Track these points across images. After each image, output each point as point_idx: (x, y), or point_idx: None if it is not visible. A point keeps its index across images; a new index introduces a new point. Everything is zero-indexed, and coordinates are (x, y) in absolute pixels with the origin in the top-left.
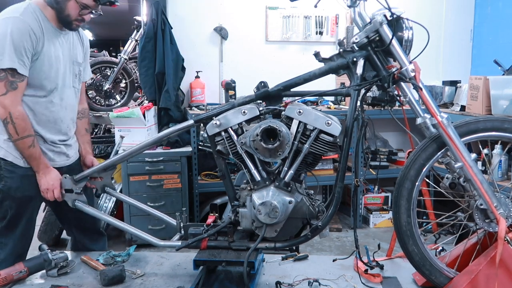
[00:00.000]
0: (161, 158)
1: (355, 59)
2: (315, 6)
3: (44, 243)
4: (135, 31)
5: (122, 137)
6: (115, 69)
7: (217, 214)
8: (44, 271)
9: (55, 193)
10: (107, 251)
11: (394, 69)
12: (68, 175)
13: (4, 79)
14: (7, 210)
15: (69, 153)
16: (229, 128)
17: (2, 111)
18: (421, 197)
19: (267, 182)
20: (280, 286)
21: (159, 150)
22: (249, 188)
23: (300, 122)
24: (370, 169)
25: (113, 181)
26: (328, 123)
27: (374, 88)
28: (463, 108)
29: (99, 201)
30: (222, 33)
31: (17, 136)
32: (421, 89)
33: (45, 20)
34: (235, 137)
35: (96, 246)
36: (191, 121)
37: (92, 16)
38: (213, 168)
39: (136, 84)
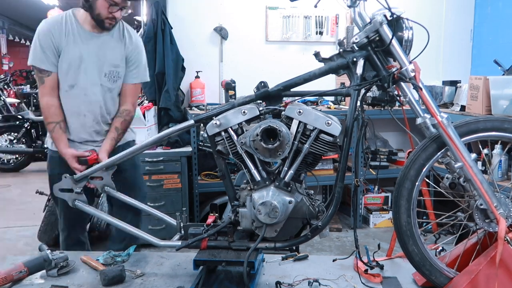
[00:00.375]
0: (161, 158)
1: (355, 59)
2: (315, 6)
3: (44, 243)
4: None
5: None
6: None
7: (217, 214)
8: (44, 271)
9: (76, 171)
10: (107, 251)
11: (394, 69)
12: (68, 175)
13: (36, 75)
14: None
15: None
16: (229, 128)
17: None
18: (421, 197)
19: (267, 182)
20: (280, 286)
21: (159, 150)
22: (249, 188)
23: (300, 122)
24: (370, 169)
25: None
26: (328, 123)
27: (374, 88)
28: (463, 108)
29: (99, 200)
30: (222, 33)
31: (45, 122)
32: (421, 89)
33: (75, 23)
34: (235, 137)
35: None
36: (191, 121)
37: (123, 14)
38: (213, 168)
39: None
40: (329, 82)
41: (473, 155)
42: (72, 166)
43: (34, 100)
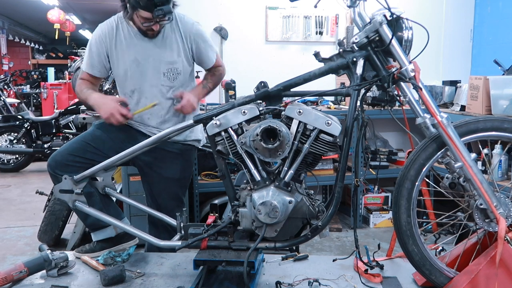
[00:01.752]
0: None
1: (355, 59)
2: (315, 6)
3: (44, 243)
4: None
5: None
6: None
7: (217, 214)
8: (44, 271)
9: (117, 117)
10: (107, 251)
11: (394, 69)
12: (67, 176)
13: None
14: None
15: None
16: (229, 128)
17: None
18: (421, 197)
19: (267, 182)
20: (280, 286)
21: None
22: (249, 188)
23: (300, 122)
24: (370, 169)
25: (113, 181)
26: (328, 123)
27: (374, 88)
28: (463, 108)
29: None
30: (222, 33)
31: (81, 96)
32: (421, 89)
33: (127, 27)
34: (235, 137)
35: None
36: (190, 121)
37: (164, 23)
38: (213, 168)
39: None
40: (329, 82)
41: (473, 155)
42: (111, 112)
43: (34, 100)
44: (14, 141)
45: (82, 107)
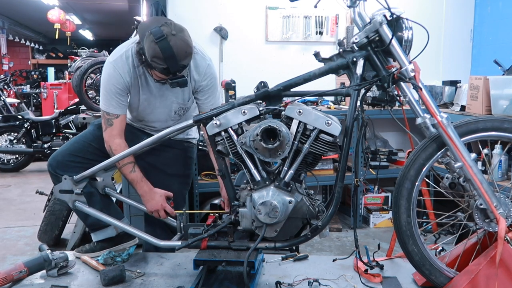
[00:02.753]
0: None
1: (355, 59)
2: (315, 6)
3: (44, 243)
4: (135, 31)
5: None
6: None
7: (217, 214)
8: (44, 271)
9: (161, 214)
10: (107, 251)
11: (394, 69)
12: (67, 176)
13: (103, 118)
14: None
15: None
16: (229, 128)
17: (106, 145)
18: (421, 197)
19: (267, 182)
20: (280, 286)
21: None
22: (249, 188)
23: (300, 122)
24: (370, 169)
25: (113, 181)
26: (328, 123)
27: (374, 88)
28: (463, 108)
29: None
30: (222, 33)
31: (119, 164)
32: (421, 89)
33: (142, 68)
34: (235, 137)
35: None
36: (190, 121)
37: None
38: (213, 168)
39: None
40: (329, 82)
41: (473, 155)
42: (163, 205)
43: (34, 100)
44: (14, 141)
45: (82, 107)
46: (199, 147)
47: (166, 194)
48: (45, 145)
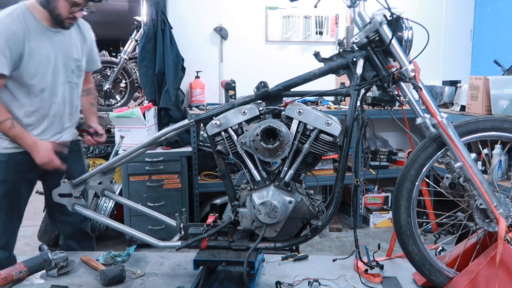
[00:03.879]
0: (161, 158)
1: (355, 59)
2: (315, 6)
3: (44, 243)
4: (135, 31)
5: (122, 137)
6: (115, 69)
7: (217, 214)
8: (44, 271)
9: (53, 164)
10: (107, 251)
11: (394, 69)
12: (66, 180)
13: None
14: None
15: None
16: (229, 128)
17: None
18: (421, 197)
19: (267, 182)
20: (280, 286)
21: (159, 150)
22: (249, 188)
23: (300, 122)
24: (370, 169)
25: (113, 181)
26: (328, 123)
27: (374, 88)
28: (463, 108)
29: (99, 202)
30: (222, 33)
31: None
32: (421, 89)
33: (34, 20)
34: (235, 137)
35: (83, 248)
36: (186, 121)
37: (84, 13)
38: (213, 168)
39: (136, 84)
40: (329, 82)
41: (473, 155)
42: (50, 158)
43: None
44: None
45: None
46: (199, 147)
47: (53, 145)
48: None
